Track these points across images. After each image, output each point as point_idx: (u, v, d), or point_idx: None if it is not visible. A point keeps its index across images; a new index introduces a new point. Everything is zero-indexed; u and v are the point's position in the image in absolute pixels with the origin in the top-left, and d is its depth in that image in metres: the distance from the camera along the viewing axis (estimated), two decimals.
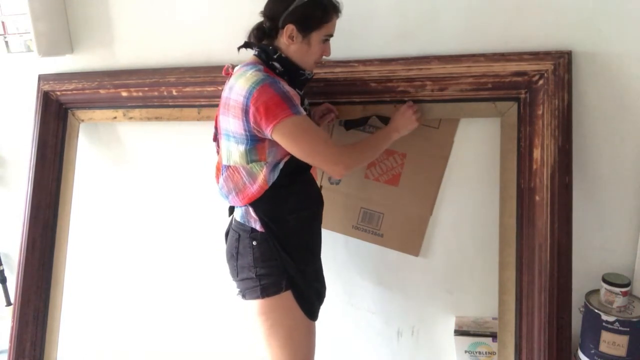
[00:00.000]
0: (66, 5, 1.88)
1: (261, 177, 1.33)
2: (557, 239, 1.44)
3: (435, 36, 1.54)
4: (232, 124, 1.31)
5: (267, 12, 1.33)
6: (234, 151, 1.34)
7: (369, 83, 1.55)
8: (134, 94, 1.82)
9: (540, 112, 1.44)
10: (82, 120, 1.97)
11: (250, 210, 1.37)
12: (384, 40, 1.59)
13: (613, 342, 1.40)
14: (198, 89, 1.74)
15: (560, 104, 1.42)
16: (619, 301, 1.42)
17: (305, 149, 1.30)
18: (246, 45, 1.39)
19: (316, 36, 1.32)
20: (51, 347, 2.03)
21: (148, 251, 2.09)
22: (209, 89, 1.72)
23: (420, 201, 1.68)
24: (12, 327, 1.96)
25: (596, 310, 1.42)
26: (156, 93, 1.80)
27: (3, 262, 2.26)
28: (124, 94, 1.84)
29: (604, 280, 1.45)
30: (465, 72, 1.48)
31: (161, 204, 2.02)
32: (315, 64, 1.39)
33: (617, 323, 1.39)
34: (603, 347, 1.42)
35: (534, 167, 1.46)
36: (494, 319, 1.71)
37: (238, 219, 1.42)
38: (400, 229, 1.72)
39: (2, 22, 1.96)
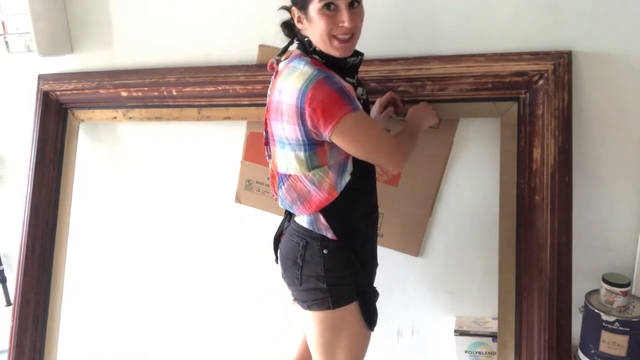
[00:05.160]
0: (66, 5, 1.87)
1: (327, 184, 1.22)
2: (557, 239, 1.44)
3: (435, 36, 1.54)
4: (286, 130, 1.18)
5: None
6: (292, 159, 1.22)
7: (369, 83, 1.55)
8: (134, 93, 1.82)
9: (540, 112, 1.44)
10: (82, 120, 1.97)
11: (321, 217, 1.26)
12: (384, 40, 1.59)
13: (613, 342, 1.41)
14: (198, 89, 1.74)
15: (560, 104, 1.42)
16: (619, 301, 1.42)
17: (366, 147, 1.19)
18: (289, 37, 1.29)
19: (312, 8, 1.15)
20: (51, 347, 2.03)
21: (148, 251, 2.09)
22: (209, 89, 1.72)
23: (420, 201, 1.68)
24: (12, 327, 1.95)
25: (596, 310, 1.42)
26: (156, 93, 1.79)
27: (3, 262, 2.26)
28: (124, 93, 1.84)
29: (604, 280, 1.45)
30: (465, 72, 1.48)
31: (161, 204, 2.02)
32: (334, 39, 1.17)
33: (617, 323, 1.39)
34: (603, 347, 1.42)
35: (534, 167, 1.46)
36: (494, 319, 1.71)
37: (305, 224, 1.29)
38: (400, 229, 1.72)
39: (2, 22, 1.96)
